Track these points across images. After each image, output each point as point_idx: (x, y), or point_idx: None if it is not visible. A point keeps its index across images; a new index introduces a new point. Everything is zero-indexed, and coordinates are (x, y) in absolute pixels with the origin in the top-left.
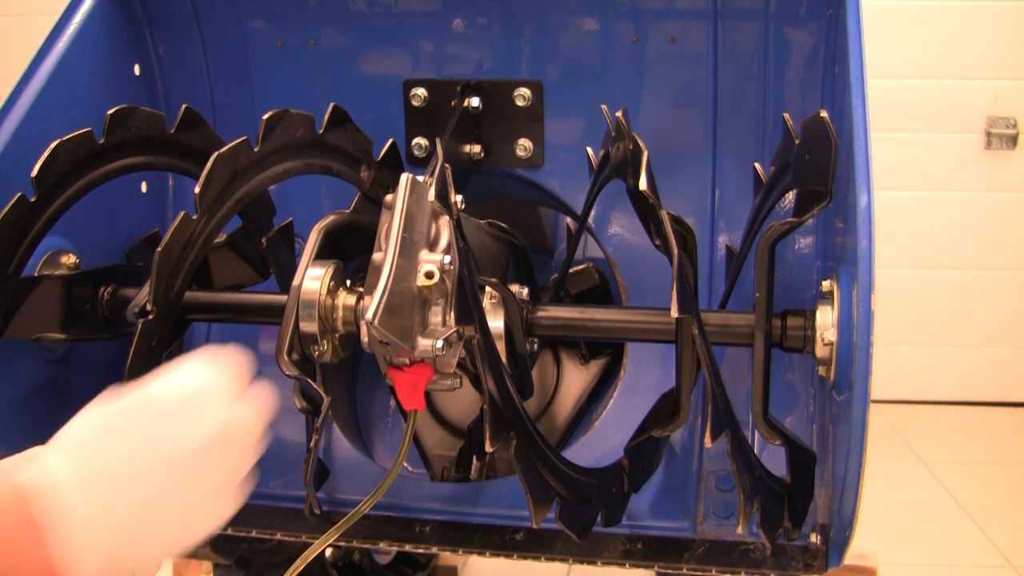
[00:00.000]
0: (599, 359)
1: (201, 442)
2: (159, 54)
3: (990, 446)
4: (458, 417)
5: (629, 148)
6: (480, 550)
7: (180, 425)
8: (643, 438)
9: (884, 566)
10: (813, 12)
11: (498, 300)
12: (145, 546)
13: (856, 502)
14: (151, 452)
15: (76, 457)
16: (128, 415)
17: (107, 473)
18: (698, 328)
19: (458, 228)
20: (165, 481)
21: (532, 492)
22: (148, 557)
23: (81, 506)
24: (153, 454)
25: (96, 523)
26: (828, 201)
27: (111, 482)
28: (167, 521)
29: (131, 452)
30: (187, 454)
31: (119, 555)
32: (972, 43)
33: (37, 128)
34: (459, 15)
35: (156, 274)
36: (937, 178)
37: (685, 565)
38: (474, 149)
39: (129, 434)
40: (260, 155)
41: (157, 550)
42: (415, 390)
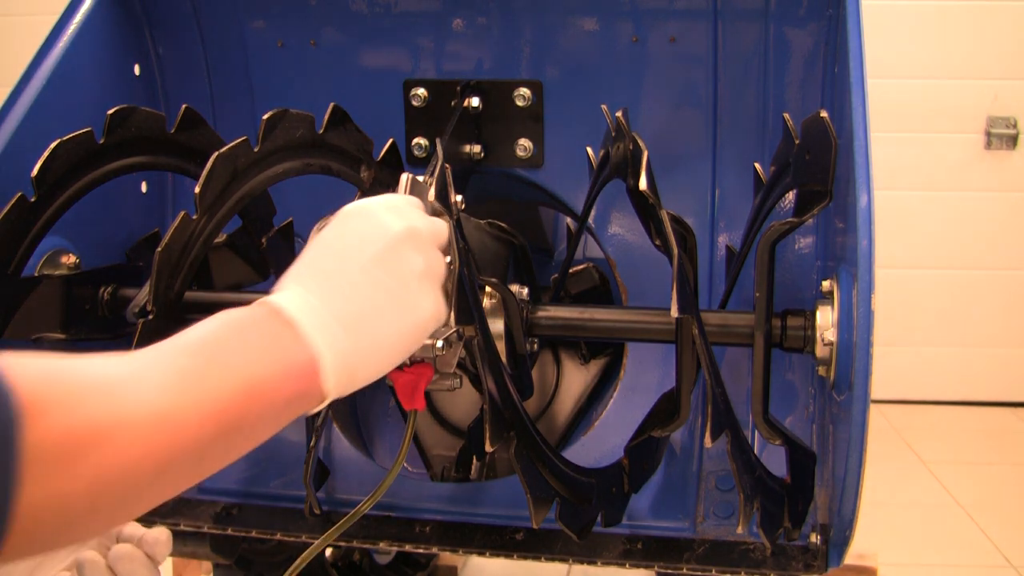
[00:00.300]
0: (599, 359)
1: (401, 231)
2: (159, 54)
3: (990, 446)
4: (458, 417)
5: (629, 148)
6: (480, 550)
7: (380, 224)
8: (643, 438)
9: (884, 566)
10: (813, 12)
11: (498, 300)
12: (373, 347)
13: (856, 502)
14: (363, 252)
15: (301, 279)
16: (332, 232)
17: (330, 282)
18: (698, 328)
19: (458, 228)
20: (379, 273)
21: (532, 492)
22: (376, 357)
23: (317, 310)
24: (364, 253)
25: (331, 325)
26: (828, 201)
27: (336, 289)
28: (387, 319)
29: (345, 257)
30: (391, 243)
31: (353, 357)
32: (972, 43)
33: (37, 128)
34: (459, 15)
35: (156, 274)
36: (937, 178)
37: (685, 565)
38: (474, 149)
39: (339, 245)
40: (260, 155)
41: (383, 351)
42: (415, 390)
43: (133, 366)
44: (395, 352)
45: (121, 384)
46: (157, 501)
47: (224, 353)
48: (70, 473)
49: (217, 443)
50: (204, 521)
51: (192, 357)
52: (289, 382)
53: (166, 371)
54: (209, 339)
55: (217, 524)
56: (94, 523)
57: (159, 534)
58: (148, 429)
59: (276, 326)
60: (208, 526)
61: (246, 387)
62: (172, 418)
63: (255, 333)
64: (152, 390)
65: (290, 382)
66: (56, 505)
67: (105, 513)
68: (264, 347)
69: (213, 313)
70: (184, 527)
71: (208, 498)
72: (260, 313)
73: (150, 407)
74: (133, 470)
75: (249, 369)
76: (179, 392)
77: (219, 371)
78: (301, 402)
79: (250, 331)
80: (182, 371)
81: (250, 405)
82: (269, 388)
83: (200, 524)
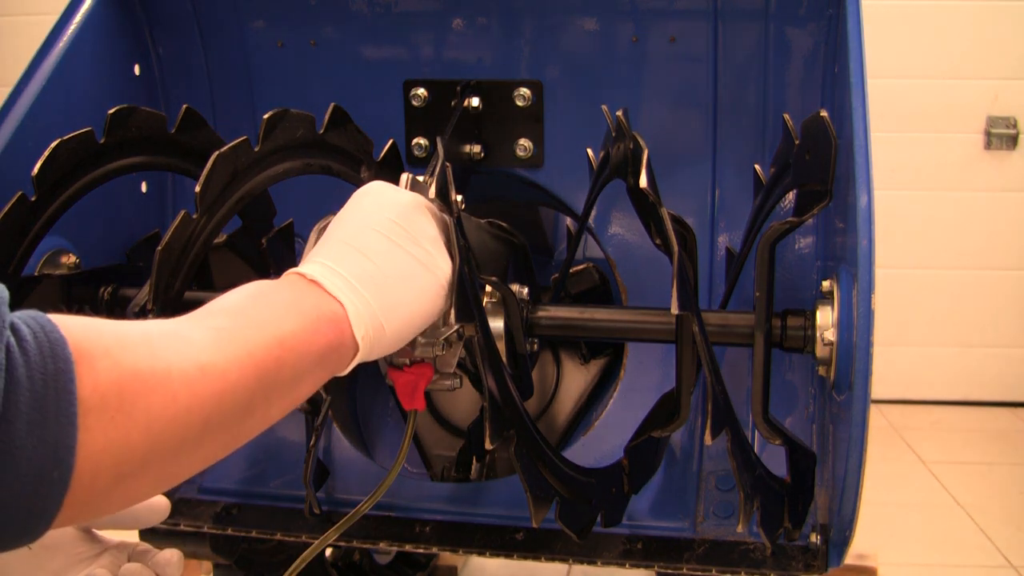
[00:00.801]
0: (599, 359)
1: (413, 200)
2: (159, 54)
3: (990, 446)
4: (458, 417)
5: (629, 147)
6: (480, 550)
7: (392, 195)
8: (643, 439)
9: (884, 566)
10: (813, 12)
11: (498, 300)
12: (397, 302)
13: (856, 502)
14: (378, 219)
15: (320, 252)
16: (347, 209)
17: (348, 247)
18: (698, 326)
19: (459, 227)
20: (395, 236)
21: (532, 492)
22: (401, 312)
23: (337, 272)
24: (379, 219)
25: (352, 283)
26: (828, 201)
27: (354, 252)
28: (408, 277)
29: (361, 225)
30: (404, 210)
31: (379, 310)
32: (972, 43)
33: (37, 128)
34: (459, 15)
35: (156, 273)
36: (937, 178)
37: (685, 565)
38: (474, 149)
39: (355, 217)
40: (260, 155)
41: (408, 307)
42: (415, 390)
43: (169, 326)
44: (420, 310)
45: (162, 339)
46: (207, 457)
47: (255, 312)
48: (123, 421)
49: (258, 396)
50: (204, 521)
51: (226, 317)
52: (320, 334)
53: (203, 330)
54: (240, 302)
55: (217, 524)
56: (147, 477)
57: (170, 555)
58: (193, 379)
59: (301, 286)
60: (208, 526)
61: (279, 340)
62: (214, 370)
63: (282, 295)
64: (192, 345)
65: (320, 334)
66: (112, 454)
67: (157, 466)
68: (292, 303)
69: None
70: (184, 527)
71: (208, 498)
72: (285, 280)
73: (193, 359)
74: (183, 419)
75: (280, 324)
76: (217, 347)
77: (252, 328)
78: (336, 354)
79: (277, 293)
80: (217, 329)
81: (285, 357)
82: (301, 340)
83: (200, 524)
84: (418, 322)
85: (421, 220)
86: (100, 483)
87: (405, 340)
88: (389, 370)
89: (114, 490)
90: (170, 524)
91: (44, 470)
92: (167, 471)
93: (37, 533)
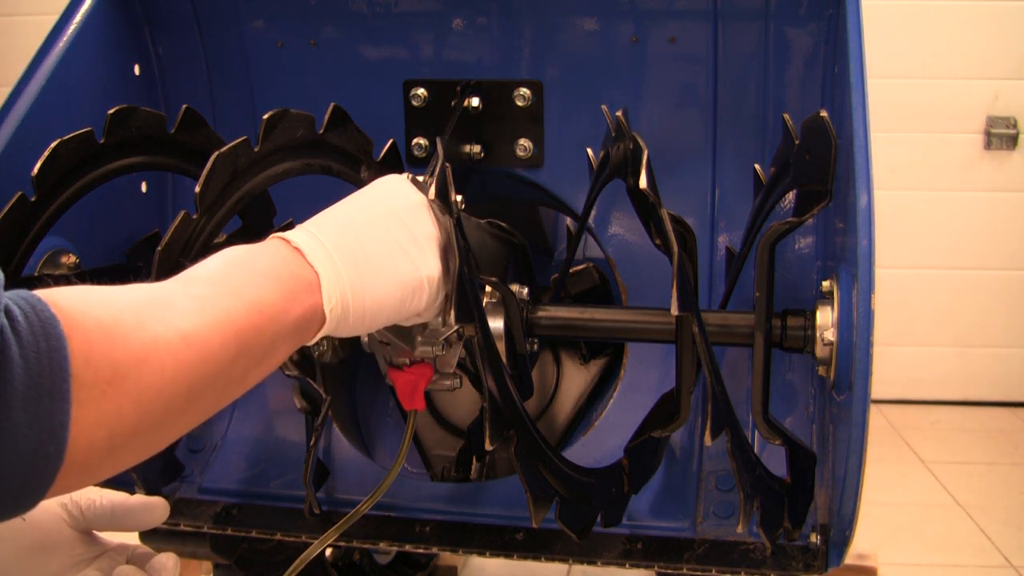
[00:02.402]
0: (599, 359)
1: (422, 200)
2: (159, 54)
3: (990, 446)
4: (458, 417)
5: (629, 147)
6: (480, 550)
7: (404, 189)
8: (643, 439)
9: (884, 566)
10: (813, 12)
11: (498, 300)
12: (373, 283)
13: (856, 502)
14: (382, 206)
15: (315, 222)
16: (357, 193)
17: (342, 224)
18: (698, 326)
19: (458, 227)
20: (392, 226)
21: (532, 492)
22: (375, 295)
23: (322, 243)
24: (383, 207)
25: (332, 255)
26: (828, 201)
27: (346, 228)
28: (391, 264)
29: (362, 208)
30: (410, 206)
31: (352, 286)
32: (972, 43)
33: (37, 128)
34: (459, 15)
35: (156, 273)
36: (937, 178)
37: (685, 565)
38: (474, 149)
39: (361, 200)
40: (260, 155)
41: (383, 291)
42: (415, 390)
43: (156, 294)
44: (391, 300)
45: (149, 307)
46: (189, 424)
47: (236, 279)
48: (115, 395)
49: (238, 363)
50: (204, 521)
51: (207, 285)
52: (296, 303)
53: (186, 298)
54: (221, 269)
55: (217, 524)
56: (137, 446)
57: (166, 559)
58: (177, 349)
59: (284, 252)
60: (208, 526)
61: (258, 308)
62: (197, 339)
63: (263, 261)
64: (176, 314)
65: (297, 302)
66: (105, 426)
67: (147, 435)
68: (271, 270)
69: None
70: (184, 527)
71: (208, 498)
72: (268, 245)
73: (177, 329)
74: (170, 389)
75: (259, 292)
76: (200, 316)
77: (233, 296)
78: (308, 323)
79: (258, 260)
80: (199, 297)
81: (263, 325)
82: (279, 309)
83: (200, 524)
84: (387, 312)
85: (423, 218)
86: (94, 455)
87: (372, 326)
88: (389, 370)
89: (106, 460)
90: (170, 524)
91: (39, 446)
92: (154, 439)
93: (30, 505)
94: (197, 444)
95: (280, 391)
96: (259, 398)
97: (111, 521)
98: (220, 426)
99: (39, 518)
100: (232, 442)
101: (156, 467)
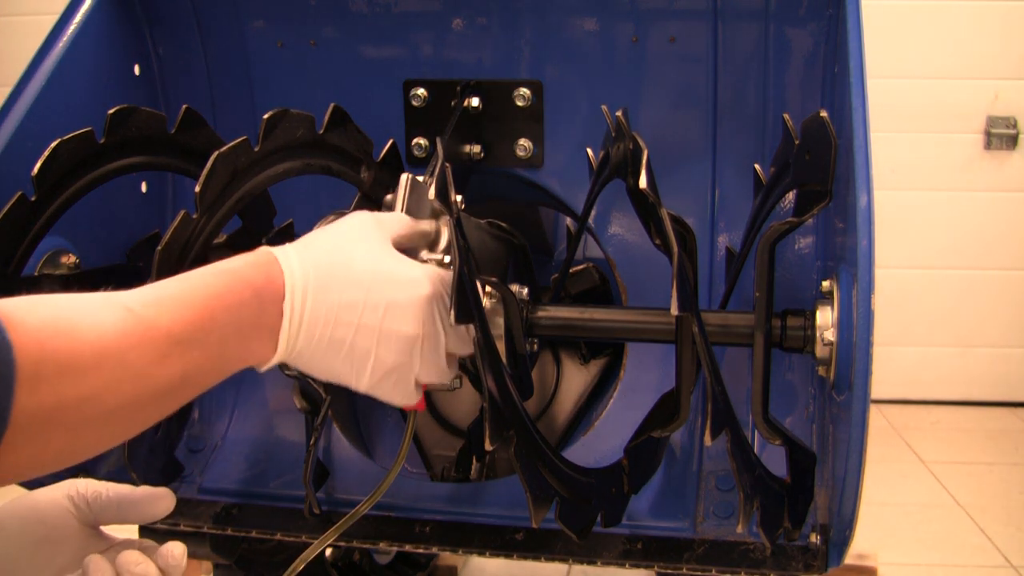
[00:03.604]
0: (599, 359)
1: (430, 293)
2: (159, 54)
3: (990, 446)
4: (458, 417)
5: (629, 147)
6: (480, 550)
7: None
8: (643, 439)
9: (884, 566)
10: (813, 12)
11: (498, 300)
12: (337, 297)
13: (856, 502)
14: (348, 248)
15: (300, 245)
16: (335, 227)
17: (317, 252)
18: (698, 326)
19: (458, 227)
20: (357, 269)
21: (532, 492)
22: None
23: (300, 262)
24: (350, 249)
25: (307, 276)
26: (828, 201)
27: (319, 258)
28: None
29: (336, 245)
30: (374, 253)
31: (319, 293)
32: (972, 43)
33: (37, 128)
34: (459, 15)
35: (156, 273)
36: (937, 178)
37: (685, 565)
38: (474, 149)
39: (336, 234)
40: (260, 155)
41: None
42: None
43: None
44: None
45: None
46: (157, 410)
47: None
48: (56, 388)
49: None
50: (204, 521)
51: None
52: (252, 289)
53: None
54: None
55: (217, 524)
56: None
57: (174, 547)
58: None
59: (264, 258)
60: (208, 526)
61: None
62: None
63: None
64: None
65: (253, 288)
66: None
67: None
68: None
69: None
70: (184, 527)
71: (208, 498)
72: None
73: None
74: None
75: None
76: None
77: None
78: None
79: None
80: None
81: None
82: (235, 301)
83: (200, 524)
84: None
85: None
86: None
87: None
88: None
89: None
90: (170, 524)
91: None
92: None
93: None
94: (197, 444)
95: (280, 391)
96: (259, 398)
97: (117, 513)
98: (220, 426)
99: (45, 512)
100: (232, 442)
101: (156, 467)
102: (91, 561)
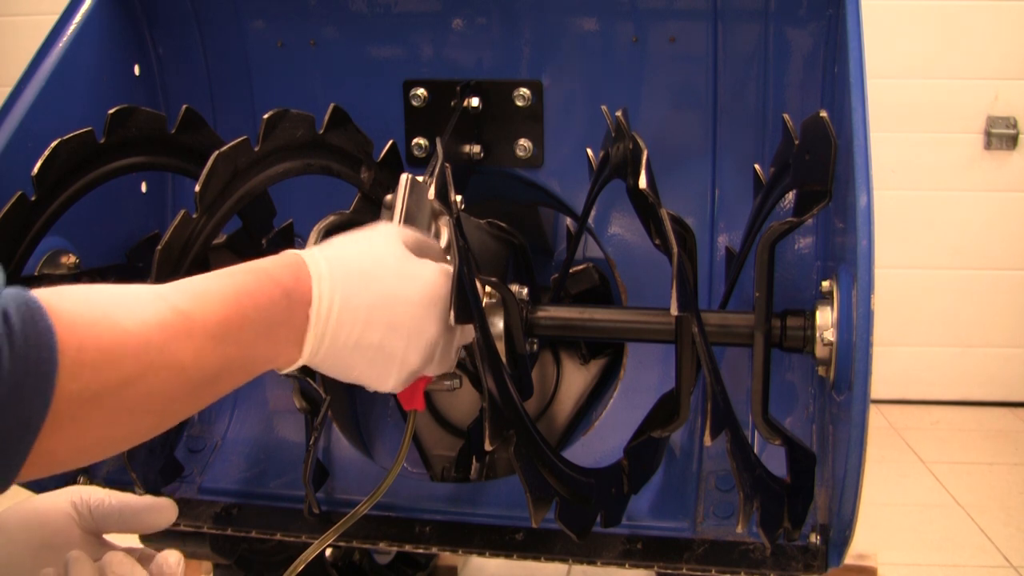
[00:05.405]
0: (599, 359)
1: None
2: (159, 54)
3: (990, 446)
4: (458, 417)
5: (629, 148)
6: (480, 550)
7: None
8: (643, 439)
9: (884, 566)
10: (813, 12)
11: (498, 300)
12: (356, 309)
13: (856, 502)
14: (375, 252)
15: (328, 250)
16: (359, 235)
17: (344, 258)
18: (698, 326)
19: (458, 227)
20: (384, 272)
21: (532, 492)
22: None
23: (328, 266)
24: (376, 253)
25: (335, 281)
26: (828, 201)
27: (347, 262)
28: (385, 305)
29: (361, 250)
30: (398, 257)
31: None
32: (972, 43)
33: (37, 128)
34: (459, 15)
35: (156, 273)
36: (937, 178)
37: (685, 565)
38: (474, 149)
39: (360, 239)
40: (260, 155)
41: (362, 322)
42: (415, 390)
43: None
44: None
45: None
46: (201, 399)
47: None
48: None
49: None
50: (204, 521)
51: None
52: (280, 290)
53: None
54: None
55: (217, 524)
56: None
57: (168, 555)
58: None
59: (293, 260)
60: (208, 526)
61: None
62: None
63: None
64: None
65: (281, 290)
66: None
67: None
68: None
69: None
70: (184, 527)
71: (208, 498)
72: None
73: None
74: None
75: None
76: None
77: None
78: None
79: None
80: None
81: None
82: (266, 299)
83: (200, 524)
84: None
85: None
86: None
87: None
88: None
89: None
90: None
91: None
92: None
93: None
94: (197, 444)
95: (280, 391)
96: (259, 398)
97: (119, 521)
98: (220, 426)
99: (49, 517)
100: (232, 442)
101: (155, 467)
102: (72, 558)
